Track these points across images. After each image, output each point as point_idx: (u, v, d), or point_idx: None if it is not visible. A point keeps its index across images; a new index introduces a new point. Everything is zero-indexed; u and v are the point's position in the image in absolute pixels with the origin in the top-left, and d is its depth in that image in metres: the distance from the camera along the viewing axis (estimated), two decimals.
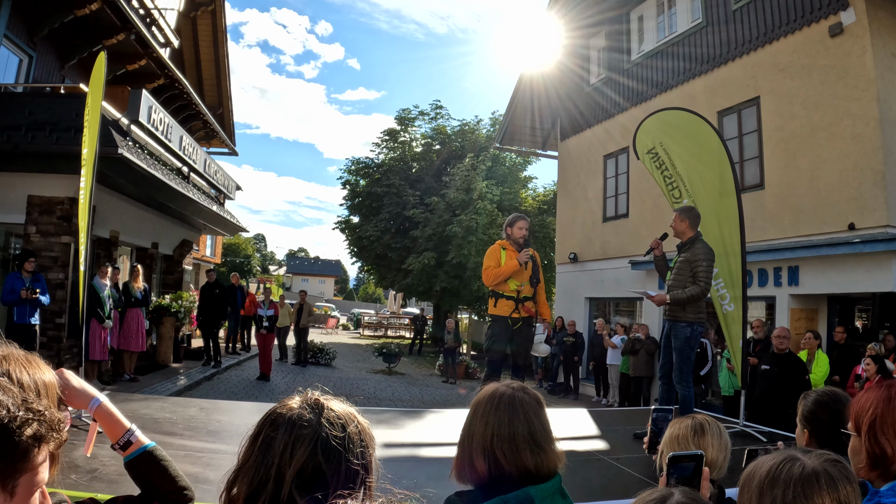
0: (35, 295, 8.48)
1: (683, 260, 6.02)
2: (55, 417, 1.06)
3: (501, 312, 6.58)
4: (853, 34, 10.00)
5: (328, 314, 42.14)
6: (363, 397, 13.54)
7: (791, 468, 1.40)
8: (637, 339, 13.09)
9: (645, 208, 14.51)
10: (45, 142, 9.18)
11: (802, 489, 1.35)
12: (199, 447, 4.69)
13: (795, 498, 1.35)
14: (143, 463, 1.62)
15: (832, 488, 1.35)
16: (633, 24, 15.81)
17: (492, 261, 6.57)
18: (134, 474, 1.62)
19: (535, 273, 6.61)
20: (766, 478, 1.42)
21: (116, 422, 1.64)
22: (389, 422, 6.60)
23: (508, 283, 6.51)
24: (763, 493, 1.41)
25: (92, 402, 1.63)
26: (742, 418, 6.49)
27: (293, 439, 1.23)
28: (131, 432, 1.64)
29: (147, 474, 1.62)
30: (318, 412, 1.29)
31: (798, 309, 10.89)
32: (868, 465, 1.75)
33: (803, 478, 1.37)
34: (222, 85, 20.33)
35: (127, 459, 1.62)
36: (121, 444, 1.62)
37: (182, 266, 16.18)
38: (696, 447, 2.25)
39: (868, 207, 9.63)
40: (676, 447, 2.29)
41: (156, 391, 10.37)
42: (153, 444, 1.66)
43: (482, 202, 23.92)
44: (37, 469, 1.03)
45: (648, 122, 7.21)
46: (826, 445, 2.33)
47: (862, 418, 1.78)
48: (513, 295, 6.52)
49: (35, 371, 1.37)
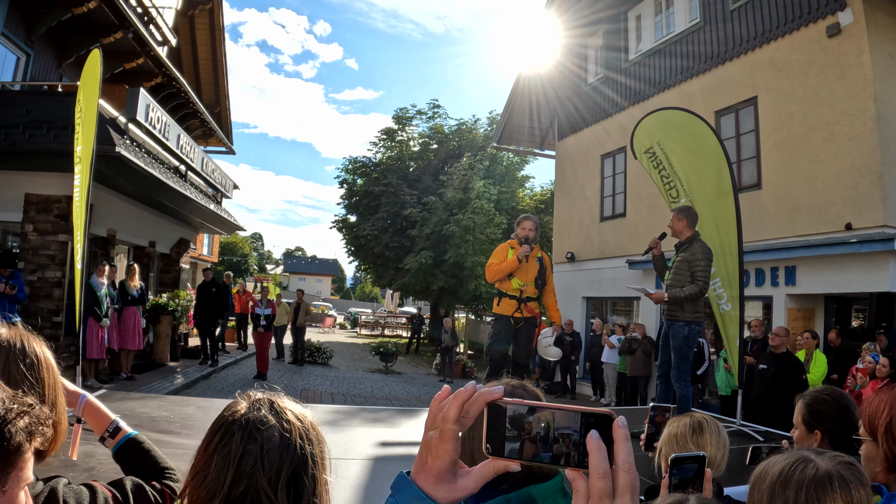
0: (13, 291, 8.56)
1: (682, 259, 6.03)
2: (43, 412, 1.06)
3: (504, 311, 6.61)
4: (851, 34, 10.01)
5: (325, 313, 42.10)
6: (360, 396, 13.54)
7: (804, 469, 1.39)
8: (634, 338, 13.10)
9: (642, 208, 14.52)
10: (42, 140, 9.17)
11: (815, 491, 1.35)
12: (197, 445, 4.68)
13: (808, 500, 1.35)
14: (131, 449, 1.70)
15: (845, 491, 1.35)
16: (631, 23, 15.81)
17: (496, 258, 6.62)
18: (123, 462, 1.70)
19: (541, 275, 6.61)
20: (778, 478, 1.42)
21: (103, 415, 1.73)
22: (386, 420, 6.62)
23: (511, 281, 6.52)
24: (774, 493, 1.40)
25: (80, 399, 1.66)
26: (739, 417, 6.51)
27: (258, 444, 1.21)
28: (117, 421, 1.73)
29: (134, 459, 1.69)
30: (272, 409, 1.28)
31: (795, 309, 10.90)
32: (886, 469, 1.72)
33: (816, 480, 1.36)
34: (220, 84, 20.29)
35: (115, 448, 1.69)
36: (110, 432, 1.70)
37: (179, 265, 16.16)
38: (694, 445, 2.24)
39: (865, 207, 9.64)
40: (675, 446, 2.29)
41: (153, 390, 10.35)
42: (136, 431, 1.74)
43: (479, 202, 23.92)
44: (26, 465, 1.02)
45: (646, 121, 7.22)
46: (837, 443, 2.32)
47: (877, 421, 1.74)
48: (515, 294, 6.53)
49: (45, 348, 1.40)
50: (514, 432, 0.76)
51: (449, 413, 0.80)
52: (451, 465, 0.82)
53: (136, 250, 13.84)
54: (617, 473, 0.70)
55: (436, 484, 0.82)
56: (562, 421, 0.74)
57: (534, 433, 0.75)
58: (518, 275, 6.52)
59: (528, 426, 0.76)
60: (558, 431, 0.74)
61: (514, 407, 0.77)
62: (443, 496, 0.82)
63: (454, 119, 30.45)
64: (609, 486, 0.70)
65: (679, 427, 2.34)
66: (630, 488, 0.70)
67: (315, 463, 1.26)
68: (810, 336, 9.11)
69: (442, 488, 0.82)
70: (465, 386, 0.82)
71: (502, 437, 0.77)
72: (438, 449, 0.81)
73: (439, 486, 0.82)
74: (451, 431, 0.80)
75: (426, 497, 0.81)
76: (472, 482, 0.82)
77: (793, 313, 10.86)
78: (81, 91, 6.65)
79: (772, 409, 7.39)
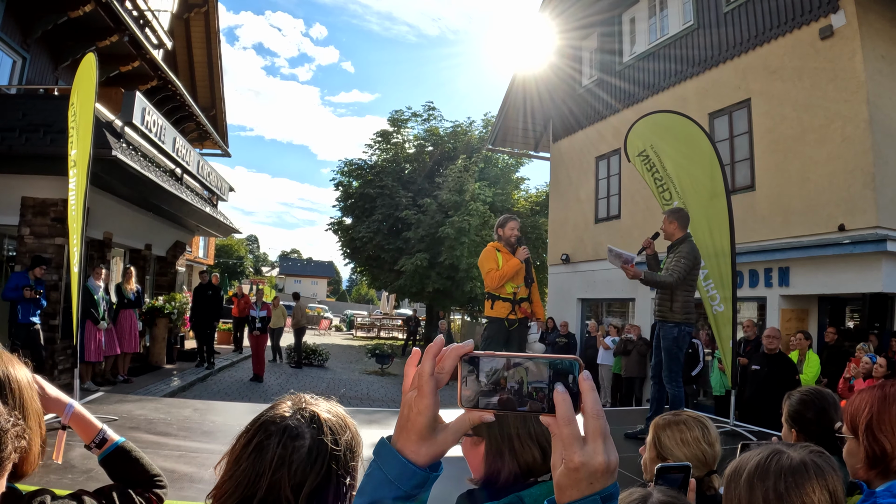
0: (38, 295, 8.72)
1: (671, 260, 6.12)
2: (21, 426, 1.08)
3: (498, 314, 6.54)
4: (844, 37, 10.07)
5: (321, 315, 42.06)
6: (356, 398, 13.56)
7: (780, 460, 1.45)
8: (629, 339, 13.12)
9: (637, 210, 14.57)
10: (38, 143, 9.17)
11: (794, 479, 1.41)
12: (194, 447, 4.72)
13: (788, 488, 1.40)
14: (118, 457, 1.69)
15: (821, 477, 1.41)
16: (625, 25, 15.87)
17: (492, 263, 6.49)
18: (109, 470, 1.70)
19: (528, 273, 6.59)
20: (755, 471, 1.47)
21: (90, 423, 1.70)
22: (381, 422, 6.64)
23: (506, 285, 6.49)
24: (753, 485, 1.45)
25: (67, 409, 1.67)
26: (732, 418, 6.56)
27: (289, 452, 1.23)
28: (104, 431, 1.71)
29: (121, 467, 1.69)
30: (312, 421, 1.29)
31: (788, 309, 10.96)
32: (867, 465, 1.76)
33: (793, 468, 1.42)
34: (215, 86, 20.31)
35: (102, 456, 1.69)
36: (96, 443, 1.68)
37: (175, 267, 16.16)
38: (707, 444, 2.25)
39: (858, 209, 9.70)
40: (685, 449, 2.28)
41: (149, 392, 10.37)
42: (123, 439, 1.73)
43: (474, 203, 23.96)
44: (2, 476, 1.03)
45: (639, 124, 7.26)
46: (816, 441, 2.36)
47: (858, 419, 1.78)
48: (510, 297, 6.49)
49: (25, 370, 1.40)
50: (489, 385, 0.80)
51: (424, 368, 0.85)
52: (433, 421, 0.86)
53: (133, 253, 13.85)
54: (587, 420, 0.75)
55: (418, 442, 0.86)
56: (534, 374, 0.78)
57: (508, 386, 0.79)
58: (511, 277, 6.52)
59: (503, 381, 0.79)
60: (531, 385, 0.78)
61: (488, 361, 0.80)
62: (424, 453, 0.86)
63: (449, 121, 30.52)
64: (577, 430, 0.75)
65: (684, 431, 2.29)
66: (601, 433, 0.75)
67: (341, 481, 1.27)
68: (803, 337, 9.16)
69: (424, 446, 0.86)
70: (434, 340, 0.87)
71: (476, 389, 0.81)
72: (419, 405, 0.85)
73: (421, 444, 0.86)
74: (428, 386, 0.85)
75: (407, 462, 0.85)
76: (451, 435, 0.87)
77: (786, 314, 10.91)
78: (75, 94, 6.66)
79: (765, 410, 7.41)
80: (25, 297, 8.60)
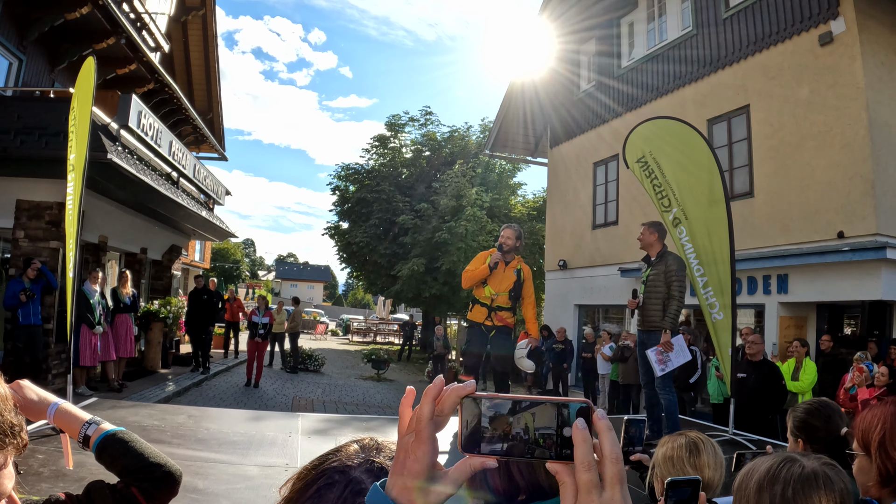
0: (33, 296, 8.84)
1: (657, 273, 6.27)
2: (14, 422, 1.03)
3: (475, 318, 6.62)
4: (843, 43, 10.07)
5: (317, 320, 41.97)
6: (352, 404, 13.49)
7: (791, 467, 1.47)
8: (626, 346, 13.07)
9: (635, 216, 14.52)
10: (34, 146, 9.11)
11: (802, 487, 1.42)
12: (188, 455, 4.65)
13: (795, 495, 1.41)
14: (108, 448, 1.54)
15: (829, 489, 1.41)
16: (624, 30, 15.88)
17: (474, 263, 6.62)
18: (105, 464, 1.56)
19: (516, 287, 6.52)
20: (765, 476, 1.48)
21: (74, 419, 1.57)
22: (377, 429, 6.58)
23: (484, 289, 6.49)
24: (762, 489, 1.46)
25: (49, 409, 1.56)
26: (731, 426, 6.51)
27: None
28: (87, 425, 1.57)
29: (113, 459, 1.54)
30: (380, 476, 1.09)
31: (787, 317, 10.93)
32: (879, 483, 1.74)
33: (803, 477, 1.43)
34: (212, 90, 20.27)
35: (94, 452, 1.55)
36: (80, 440, 1.55)
37: (171, 271, 16.09)
38: (691, 467, 2.22)
39: (857, 216, 9.68)
40: (671, 468, 2.25)
41: (144, 397, 10.30)
42: (118, 428, 1.60)
43: (472, 209, 23.91)
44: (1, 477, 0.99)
45: (638, 130, 7.22)
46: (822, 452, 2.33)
47: (870, 436, 1.77)
48: (486, 302, 6.50)
49: None
50: (492, 429, 0.75)
51: (422, 412, 0.78)
52: (430, 468, 0.79)
53: (128, 257, 13.77)
54: (604, 464, 0.69)
55: (414, 491, 0.79)
56: (541, 418, 0.73)
57: (514, 432, 0.74)
58: (491, 283, 6.45)
59: (508, 426, 0.74)
60: (538, 431, 0.73)
61: (492, 406, 0.75)
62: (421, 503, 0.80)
63: (447, 126, 30.53)
64: (596, 477, 0.68)
65: (674, 449, 2.29)
66: (619, 479, 0.69)
67: None
68: (800, 344, 9.11)
69: (420, 495, 0.79)
70: (434, 381, 0.80)
71: (479, 433, 0.75)
72: (416, 451, 0.78)
73: (418, 493, 0.79)
74: (427, 431, 0.78)
75: None
76: (450, 483, 0.80)
77: (785, 321, 10.88)
78: (75, 99, 6.60)
79: (755, 418, 7.35)
80: (22, 301, 8.70)
